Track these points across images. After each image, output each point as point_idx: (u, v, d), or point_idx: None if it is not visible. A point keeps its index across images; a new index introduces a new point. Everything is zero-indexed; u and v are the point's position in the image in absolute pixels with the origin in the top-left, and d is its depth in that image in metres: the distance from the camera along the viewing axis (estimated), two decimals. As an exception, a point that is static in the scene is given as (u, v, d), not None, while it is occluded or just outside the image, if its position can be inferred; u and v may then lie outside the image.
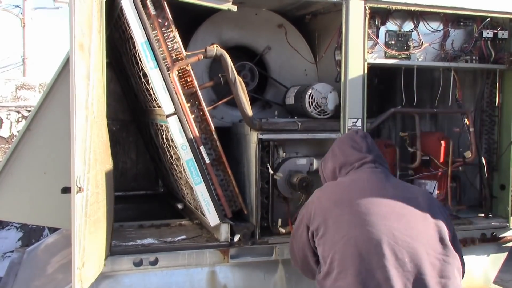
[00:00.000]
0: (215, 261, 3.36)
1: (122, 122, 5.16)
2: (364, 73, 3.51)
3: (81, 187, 2.57)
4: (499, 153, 4.08)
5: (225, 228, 3.37)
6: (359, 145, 2.58)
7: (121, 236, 3.47)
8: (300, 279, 3.50)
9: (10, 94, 9.15)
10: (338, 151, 2.63)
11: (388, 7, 3.54)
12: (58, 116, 3.54)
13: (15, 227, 6.24)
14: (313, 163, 3.61)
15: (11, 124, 7.97)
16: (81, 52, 2.67)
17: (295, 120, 3.56)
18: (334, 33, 3.76)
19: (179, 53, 3.26)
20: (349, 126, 3.48)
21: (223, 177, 3.45)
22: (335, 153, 2.65)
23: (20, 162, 3.65)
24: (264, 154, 3.47)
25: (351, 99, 3.50)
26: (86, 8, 2.77)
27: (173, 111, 3.20)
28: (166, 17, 3.22)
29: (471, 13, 3.78)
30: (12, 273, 4.27)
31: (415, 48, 3.76)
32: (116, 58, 4.46)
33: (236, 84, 3.39)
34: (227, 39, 4.05)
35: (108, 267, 3.10)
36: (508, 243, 4.09)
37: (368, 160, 2.52)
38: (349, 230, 2.22)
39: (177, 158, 3.47)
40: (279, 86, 4.21)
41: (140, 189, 5.23)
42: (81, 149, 2.62)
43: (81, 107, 2.65)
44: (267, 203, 3.51)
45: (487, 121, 4.15)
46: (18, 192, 3.67)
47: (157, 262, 3.23)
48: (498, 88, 4.07)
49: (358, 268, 2.13)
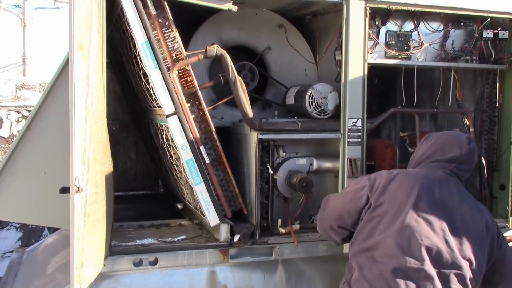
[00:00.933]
0: (215, 261, 3.35)
1: (122, 122, 5.15)
2: (364, 73, 3.51)
3: (80, 187, 2.57)
4: (499, 153, 4.08)
5: (225, 228, 3.37)
6: (460, 155, 2.59)
7: (121, 236, 3.47)
8: (300, 279, 3.50)
9: (10, 94, 9.15)
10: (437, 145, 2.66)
11: (388, 7, 3.54)
12: (58, 116, 3.53)
13: (15, 227, 6.24)
14: (313, 163, 3.61)
15: (11, 124, 7.96)
16: (80, 52, 2.67)
17: (295, 120, 3.56)
18: (334, 33, 3.76)
19: (179, 53, 3.26)
20: (349, 126, 3.48)
21: (223, 177, 3.45)
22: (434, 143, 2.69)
23: (20, 162, 3.65)
24: (264, 154, 3.47)
25: (351, 99, 3.50)
26: (86, 8, 2.77)
27: (173, 111, 3.20)
28: (166, 17, 3.22)
29: (472, 13, 3.78)
30: (11, 273, 4.27)
31: (415, 48, 3.75)
32: (116, 58, 4.46)
33: (236, 84, 3.39)
34: (227, 39, 4.05)
35: (107, 267, 3.10)
36: (508, 243, 4.08)
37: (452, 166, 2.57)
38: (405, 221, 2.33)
39: (177, 158, 3.47)
40: (279, 86, 4.21)
41: (140, 189, 5.23)
42: (80, 149, 2.61)
43: (81, 107, 2.64)
44: (267, 203, 3.51)
45: (487, 121, 4.14)
46: (18, 192, 3.66)
47: (157, 262, 3.23)
48: (498, 88, 4.06)
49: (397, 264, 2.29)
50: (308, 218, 3.66)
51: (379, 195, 2.46)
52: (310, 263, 3.56)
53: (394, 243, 2.31)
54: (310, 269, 3.56)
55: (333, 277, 3.51)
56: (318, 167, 3.62)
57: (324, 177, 3.73)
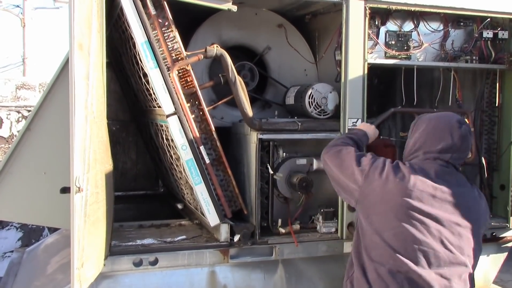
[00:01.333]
0: (215, 261, 3.35)
1: (122, 122, 5.16)
2: (364, 73, 3.51)
3: (80, 187, 2.57)
4: (499, 153, 4.08)
5: (225, 228, 3.37)
6: (453, 144, 2.45)
7: (121, 236, 3.47)
8: (300, 279, 3.51)
9: (10, 94, 9.14)
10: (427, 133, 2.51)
11: (388, 7, 3.54)
12: (58, 116, 3.53)
13: (15, 227, 6.24)
14: (313, 163, 3.61)
15: (11, 124, 7.96)
16: (80, 52, 2.67)
17: (295, 120, 3.56)
18: (334, 33, 3.76)
19: (179, 53, 3.26)
20: (349, 126, 3.48)
21: (223, 177, 3.45)
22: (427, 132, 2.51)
23: (20, 162, 3.65)
24: (264, 154, 3.47)
25: (351, 99, 3.50)
26: (85, 8, 2.77)
27: (173, 111, 3.20)
28: (166, 17, 3.22)
29: (471, 13, 3.78)
30: (11, 273, 4.27)
31: (415, 48, 3.75)
32: (116, 58, 4.46)
33: (236, 84, 3.39)
34: (227, 39, 4.05)
35: (107, 267, 3.10)
36: (508, 243, 4.09)
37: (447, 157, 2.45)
38: (400, 223, 2.28)
39: (177, 158, 3.47)
40: (279, 86, 4.21)
41: (140, 189, 5.23)
42: (80, 149, 2.61)
43: (81, 107, 2.64)
44: (267, 203, 3.51)
45: (487, 121, 4.14)
46: (18, 192, 3.67)
47: (157, 262, 3.23)
48: (498, 88, 4.06)
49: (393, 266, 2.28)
50: (308, 218, 3.66)
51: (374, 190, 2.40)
52: (310, 263, 3.56)
53: (389, 245, 2.29)
54: (310, 269, 3.56)
55: (333, 277, 3.52)
56: (318, 167, 3.61)
57: (324, 177, 3.70)
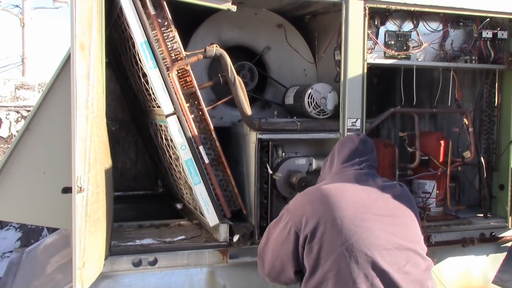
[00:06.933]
0: (214, 261, 3.35)
1: (122, 122, 5.16)
2: (363, 73, 3.52)
3: (82, 187, 2.57)
4: (498, 153, 4.09)
5: (224, 228, 3.37)
6: (356, 148, 2.54)
7: (121, 236, 3.47)
8: (299, 279, 3.50)
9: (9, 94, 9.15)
10: (336, 152, 2.60)
11: (387, 7, 3.54)
12: (57, 116, 3.53)
13: (14, 227, 6.22)
14: (312, 163, 3.61)
15: (10, 124, 7.95)
16: (81, 51, 2.67)
17: (294, 120, 3.56)
18: (333, 33, 3.77)
19: (178, 53, 3.26)
20: (348, 126, 3.49)
21: (222, 177, 3.45)
22: (333, 154, 2.62)
23: (19, 162, 3.64)
24: (264, 154, 3.47)
25: (351, 99, 3.50)
26: (86, 7, 2.77)
27: (172, 111, 3.20)
28: (165, 17, 3.22)
29: (471, 13, 3.79)
30: (11, 273, 4.26)
31: (414, 48, 3.76)
32: (115, 58, 4.46)
33: (235, 84, 3.39)
34: (226, 39, 4.05)
35: (107, 267, 3.10)
36: (507, 243, 4.09)
37: (356, 162, 2.48)
38: (347, 236, 2.17)
39: (176, 158, 3.47)
40: (279, 86, 4.21)
41: (140, 189, 5.23)
42: (81, 149, 2.62)
43: (82, 107, 2.65)
44: (266, 203, 3.50)
45: (486, 121, 4.15)
46: (17, 192, 3.66)
47: (156, 262, 3.23)
48: (497, 88, 4.07)
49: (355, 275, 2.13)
50: (307, 218, 3.65)
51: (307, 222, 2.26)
52: (309, 263, 3.55)
53: (343, 267, 2.14)
54: (309, 269, 3.56)
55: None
56: (317, 167, 3.62)
57: (324, 177, 3.72)
